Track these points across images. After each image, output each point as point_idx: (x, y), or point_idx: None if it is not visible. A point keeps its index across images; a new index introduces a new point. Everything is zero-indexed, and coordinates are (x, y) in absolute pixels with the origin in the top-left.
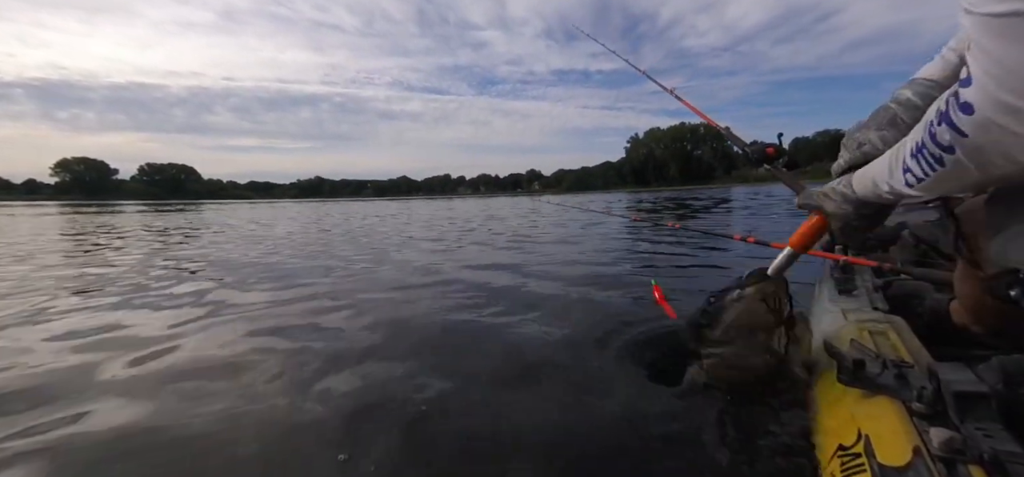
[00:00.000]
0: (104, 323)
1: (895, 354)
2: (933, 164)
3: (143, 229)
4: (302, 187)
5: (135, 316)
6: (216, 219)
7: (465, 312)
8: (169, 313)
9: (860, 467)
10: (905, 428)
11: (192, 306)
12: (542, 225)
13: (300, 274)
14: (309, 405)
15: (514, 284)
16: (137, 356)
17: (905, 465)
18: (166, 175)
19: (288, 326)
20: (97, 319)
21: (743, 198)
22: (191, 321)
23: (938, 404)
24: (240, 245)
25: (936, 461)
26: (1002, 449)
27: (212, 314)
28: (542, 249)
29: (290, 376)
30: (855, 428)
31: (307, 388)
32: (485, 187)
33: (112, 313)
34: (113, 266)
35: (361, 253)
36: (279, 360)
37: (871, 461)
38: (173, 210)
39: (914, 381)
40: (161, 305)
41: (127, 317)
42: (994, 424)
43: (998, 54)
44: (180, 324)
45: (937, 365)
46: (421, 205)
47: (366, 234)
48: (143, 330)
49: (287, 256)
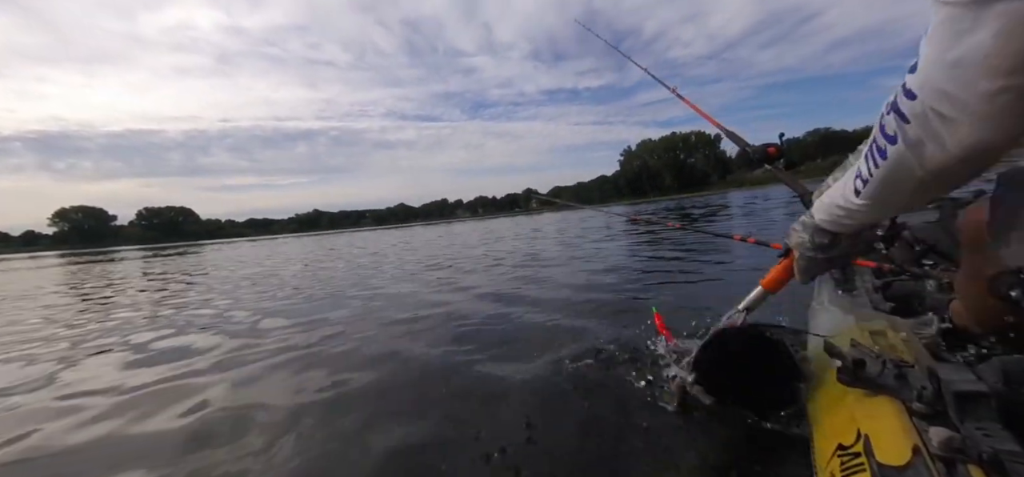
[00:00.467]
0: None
1: (895, 354)
2: (878, 159)
3: (141, 280)
4: (301, 221)
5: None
6: (206, 262)
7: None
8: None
9: (860, 467)
10: (905, 428)
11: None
12: (551, 247)
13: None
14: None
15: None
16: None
17: (905, 465)
18: (164, 218)
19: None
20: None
21: (742, 202)
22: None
23: (938, 404)
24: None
25: (936, 461)
26: (1002, 449)
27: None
28: (554, 276)
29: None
30: (855, 428)
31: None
32: (483, 209)
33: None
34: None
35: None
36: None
37: (871, 461)
38: (167, 254)
39: (914, 381)
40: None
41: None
42: (994, 424)
43: (945, 41)
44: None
45: (937, 365)
46: (423, 231)
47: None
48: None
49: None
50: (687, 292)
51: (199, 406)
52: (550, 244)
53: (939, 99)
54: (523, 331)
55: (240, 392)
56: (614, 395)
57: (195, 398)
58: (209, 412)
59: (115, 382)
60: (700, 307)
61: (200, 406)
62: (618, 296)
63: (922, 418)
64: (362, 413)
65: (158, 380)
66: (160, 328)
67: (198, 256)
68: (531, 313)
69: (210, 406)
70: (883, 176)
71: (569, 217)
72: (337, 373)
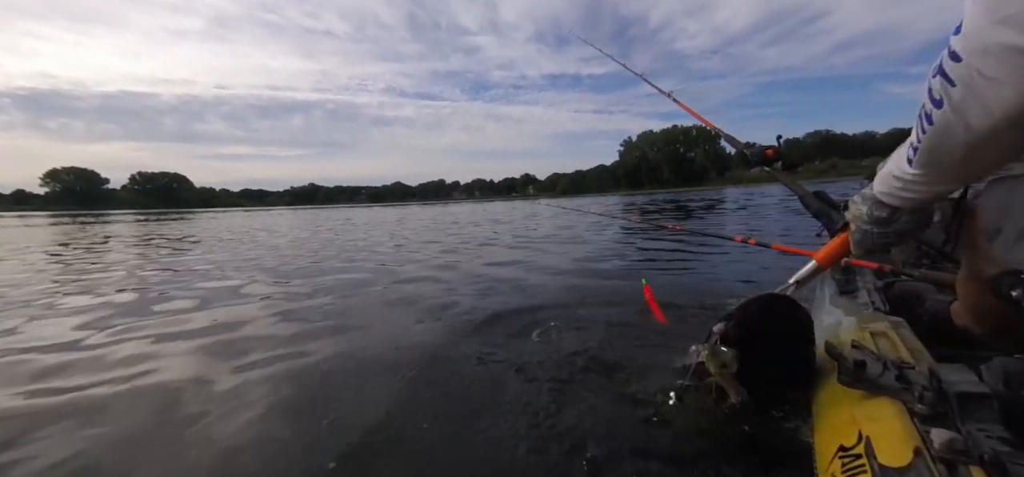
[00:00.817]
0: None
1: (896, 355)
2: (925, 125)
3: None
4: (296, 194)
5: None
6: (208, 230)
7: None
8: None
9: (861, 468)
10: (906, 429)
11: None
12: (550, 228)
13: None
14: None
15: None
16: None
17: (906, 466)
18: (158, 184)
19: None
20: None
21: (739, 199)
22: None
23: (939, 405)
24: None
25: (937, 462)
26: (1003, 450)
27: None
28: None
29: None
30: (856, 429)
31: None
32: (479, 192)
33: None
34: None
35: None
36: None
37: (872, 462)
38: (161, 219)
39: (915, 382)
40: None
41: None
42: (995, 425)
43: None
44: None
45: (938, 366)
46: (420, 210)
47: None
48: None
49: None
50: (680, 280)
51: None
52: (582, 230)
53: (984, 59)
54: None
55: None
56: (613, 391)
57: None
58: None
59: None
60: (693, 292)
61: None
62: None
63: (923, 419)
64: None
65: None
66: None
67: (199, 224)
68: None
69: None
70: (931, 143)
71: (568, 206)
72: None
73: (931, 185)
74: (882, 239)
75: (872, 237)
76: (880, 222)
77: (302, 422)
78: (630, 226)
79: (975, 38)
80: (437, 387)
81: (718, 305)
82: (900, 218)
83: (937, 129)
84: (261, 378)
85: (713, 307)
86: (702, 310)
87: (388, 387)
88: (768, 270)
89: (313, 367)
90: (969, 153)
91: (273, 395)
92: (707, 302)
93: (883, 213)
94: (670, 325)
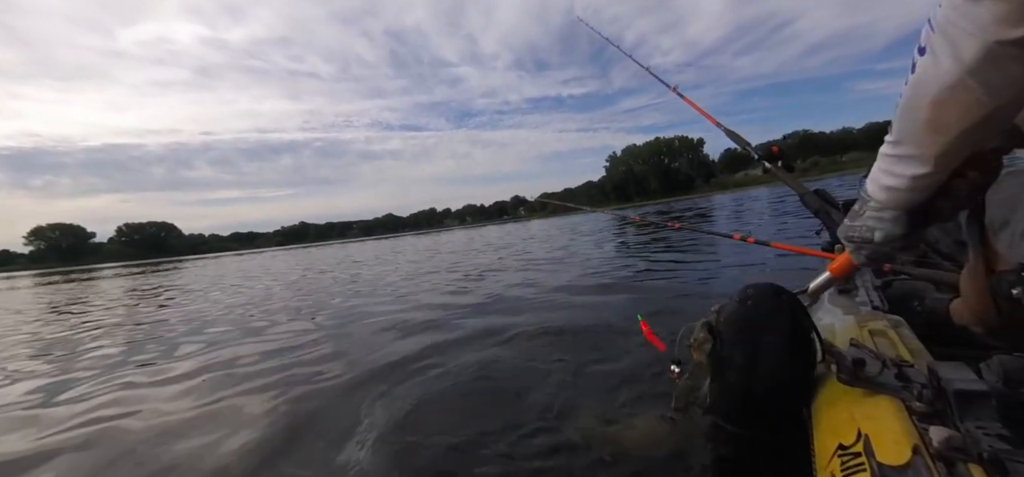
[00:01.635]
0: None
1: (895, 353)
2: (908, 77)
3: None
4: (286, 234)
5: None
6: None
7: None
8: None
9: (860, 466)
10: (905, 427)
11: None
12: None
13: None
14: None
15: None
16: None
17: (905, 464)
18: (145, 234)
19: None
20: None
21: (729, 204)
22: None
23: (938, 403)
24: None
25: (936, 460)
26: (1002, 448)
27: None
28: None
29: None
30: (855, 427)
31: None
32: (471, 217)
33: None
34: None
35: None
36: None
37: (871, 460)
38: (141, 271)
39: (914, 380)
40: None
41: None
42: (994, 423)
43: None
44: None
45: (937, 364)
46: (414, 240)
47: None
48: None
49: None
50: (676, 288)
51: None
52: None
53: (954, 9)
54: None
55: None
56: (613, 392)
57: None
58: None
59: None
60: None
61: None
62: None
63: (922, 417)
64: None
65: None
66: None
67: (182, 275)
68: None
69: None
70: (907, 98)
71: (575, 225)
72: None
73: (905, 162)
74: (848, 233)
75: (844, 229)
76: (852, 214)
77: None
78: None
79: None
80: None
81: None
82: (865, 211)
83: (915, 79)
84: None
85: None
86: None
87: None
88: (766, 268)
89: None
90: (934, 108)
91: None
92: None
93: (858, 205)
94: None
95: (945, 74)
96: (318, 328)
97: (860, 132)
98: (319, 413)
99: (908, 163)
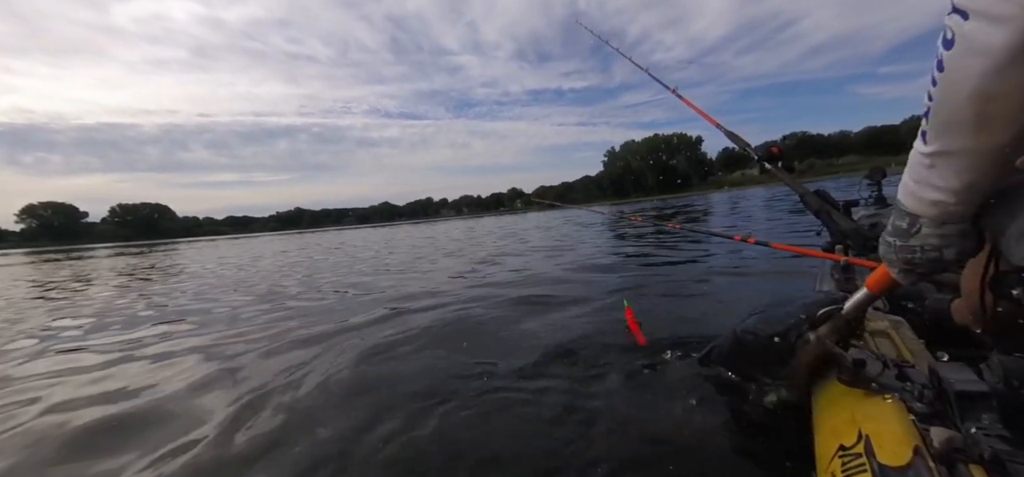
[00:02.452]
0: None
1: (896, 354)
2: (937, 75)
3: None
4: (281, 219)
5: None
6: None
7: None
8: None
9: (861, 467)
10: (906, 428)
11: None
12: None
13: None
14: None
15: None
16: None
17: (906, 465)
18: (139, 215)
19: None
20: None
21: (726, 202)
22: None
23: (939, 404)
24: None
25: (937, 461)
26: (1002, 448)
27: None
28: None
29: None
30: (856, 428)
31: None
32: (468, 208)
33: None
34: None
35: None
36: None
37: (872, 461)
38: (135, 252)
39: (915, 381)
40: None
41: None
42: (995, 424)
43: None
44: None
45: (938, 365)
46: (414, 228)
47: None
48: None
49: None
50: (667, 287)
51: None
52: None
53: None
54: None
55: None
56: (613, 393)
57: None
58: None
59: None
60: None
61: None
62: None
63: (923, 418)
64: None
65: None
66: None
67: (174, 257)
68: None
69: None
70: (941, 94)
71: (571, 217)
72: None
73: (948, 168)
74: (907, 255)
75: (895, 250)
76: (900, 233)
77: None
78: (634, 228)
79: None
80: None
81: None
82: (920, 228)
83: (948, 76)
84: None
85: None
86: (684, 325)
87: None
88: (760, 265)
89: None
90: (980, 101)
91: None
92: (698, 318)
93: (903, 222)
94: (650, 346)
95: (992, 57)
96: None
97: (857, 136)
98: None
99: (956, 169)
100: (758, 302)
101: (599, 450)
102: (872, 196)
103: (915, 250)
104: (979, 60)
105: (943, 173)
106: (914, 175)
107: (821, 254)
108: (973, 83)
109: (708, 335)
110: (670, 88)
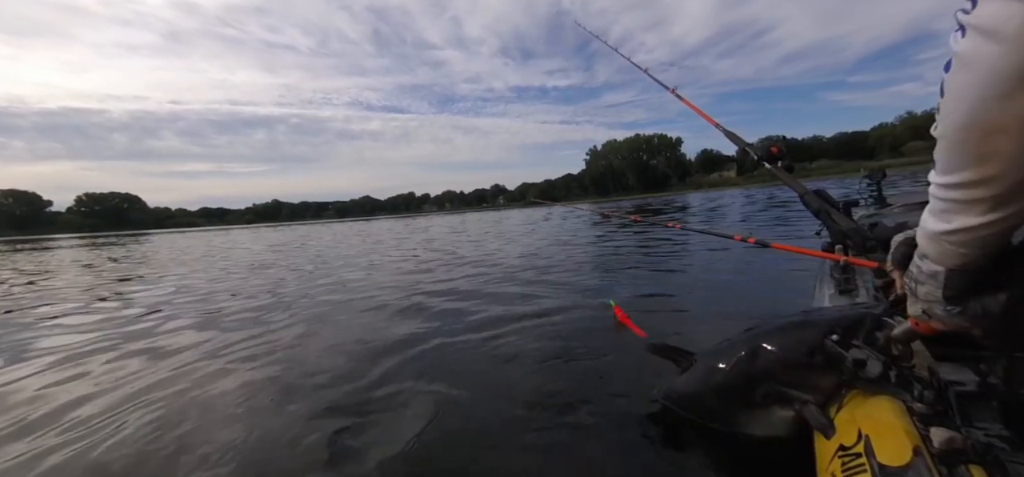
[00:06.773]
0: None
1: (896, 354)
2: (941, 90)
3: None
4: (258, 212)
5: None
6: None
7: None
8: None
9: (861, 467)
10: (906, 428)
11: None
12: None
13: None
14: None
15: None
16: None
17: (905, 465)
18: (107, 205)
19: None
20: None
21: (703, 202)
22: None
23: (939, 404)
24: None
25: (936, 461)
26: (1002, 448)
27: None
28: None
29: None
30: (856, 428)
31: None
32: (450, 204)
33: None
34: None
35: None
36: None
37: (872, 461)
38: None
39: (915, 381)
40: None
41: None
42: (994, 424)
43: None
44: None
45: (938, 365)
46: (395, 224)
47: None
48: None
49: None
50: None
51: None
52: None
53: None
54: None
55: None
56: (613, 393)
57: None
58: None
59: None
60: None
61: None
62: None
63: (923, 418)
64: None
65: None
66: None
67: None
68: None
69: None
70: (955, 123)
71: (552, 212)
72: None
73: (969, 201)
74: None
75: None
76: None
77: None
78: (632, 225)
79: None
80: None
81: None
82: (954, 282)
83: (949, 90)
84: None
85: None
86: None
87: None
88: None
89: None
90: (971, 122)
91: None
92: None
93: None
94: (651, 336)
95: (1007, 74)
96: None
97: (829, 141)
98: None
99: (980, 203)
100: (758, 302)
101: (600, 450)
102: (872, 196)
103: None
104: (998, 78)
105: (964, 208)
106: (930, 222)
107: (821, 254)
108: (995, 105)
109: (706, 334)
110: (670, 88)
